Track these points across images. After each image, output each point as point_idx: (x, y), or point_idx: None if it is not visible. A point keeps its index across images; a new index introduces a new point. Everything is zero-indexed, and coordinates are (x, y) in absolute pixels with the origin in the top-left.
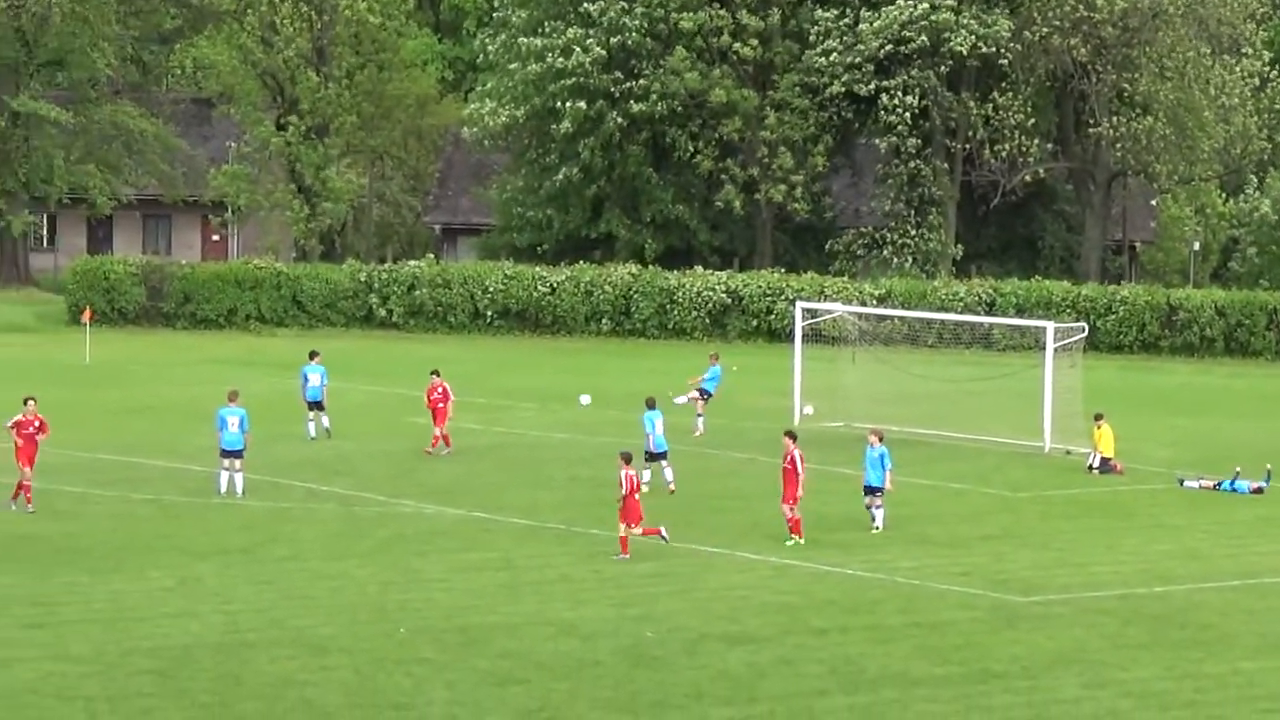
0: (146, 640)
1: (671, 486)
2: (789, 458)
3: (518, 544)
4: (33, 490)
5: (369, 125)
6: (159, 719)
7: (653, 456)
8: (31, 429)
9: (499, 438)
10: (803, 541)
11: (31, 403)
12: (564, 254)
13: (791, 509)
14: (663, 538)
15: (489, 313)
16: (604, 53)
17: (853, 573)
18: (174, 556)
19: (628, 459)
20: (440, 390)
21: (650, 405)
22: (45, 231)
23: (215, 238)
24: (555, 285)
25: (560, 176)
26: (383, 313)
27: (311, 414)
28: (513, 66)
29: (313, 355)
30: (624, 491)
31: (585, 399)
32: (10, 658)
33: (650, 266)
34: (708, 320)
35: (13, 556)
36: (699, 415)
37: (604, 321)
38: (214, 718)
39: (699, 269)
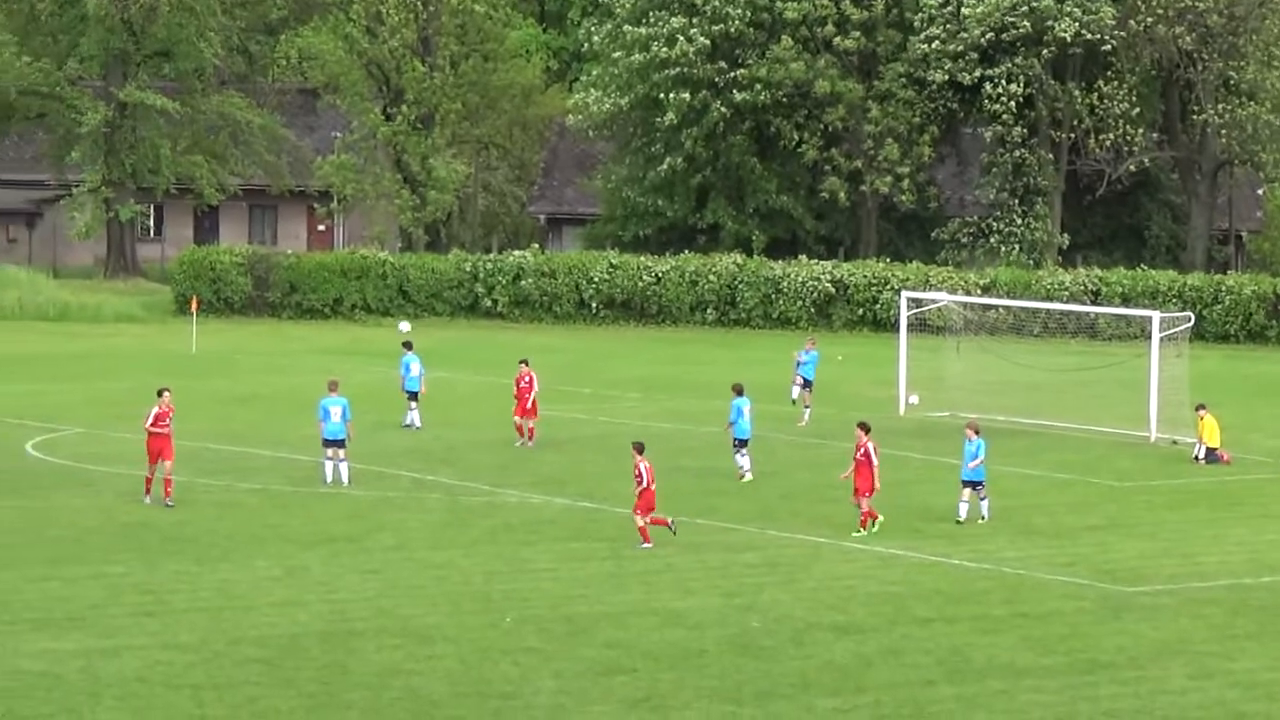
0: (253, 629)
1: (748, 475)
2: (862, 449)
3: (624, 533)
4: (131, 479)
5: (474, 115)
6: (265, 707)
7: (737, 444)
8: (169, 420)
9: (604, 427)
10: (874, 530)
11: (167, 394)
12: (669, 244)
13: (864, 501)
14: (670, 528)
15: (594, 302)
16: (707, 42)
17: (958, 563)
18: (280, 546)
19: (640, 449)
20: (527, 379)
21: (739, 392)
22: (152, 222)
23: (321, 228)
24: (660, 275)
25: (665, 166)
26: (488, 302)
27: (409, 404)
28: (617, 56)
29: (408, 344)
30: (644, 483)
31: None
32: (119, 646)
33: (755, 256)
34: (812, 310)
35: (123, 545)
36: (806, 407)
37: (709, 311)
38: (320, 707)
39: (803, 258)
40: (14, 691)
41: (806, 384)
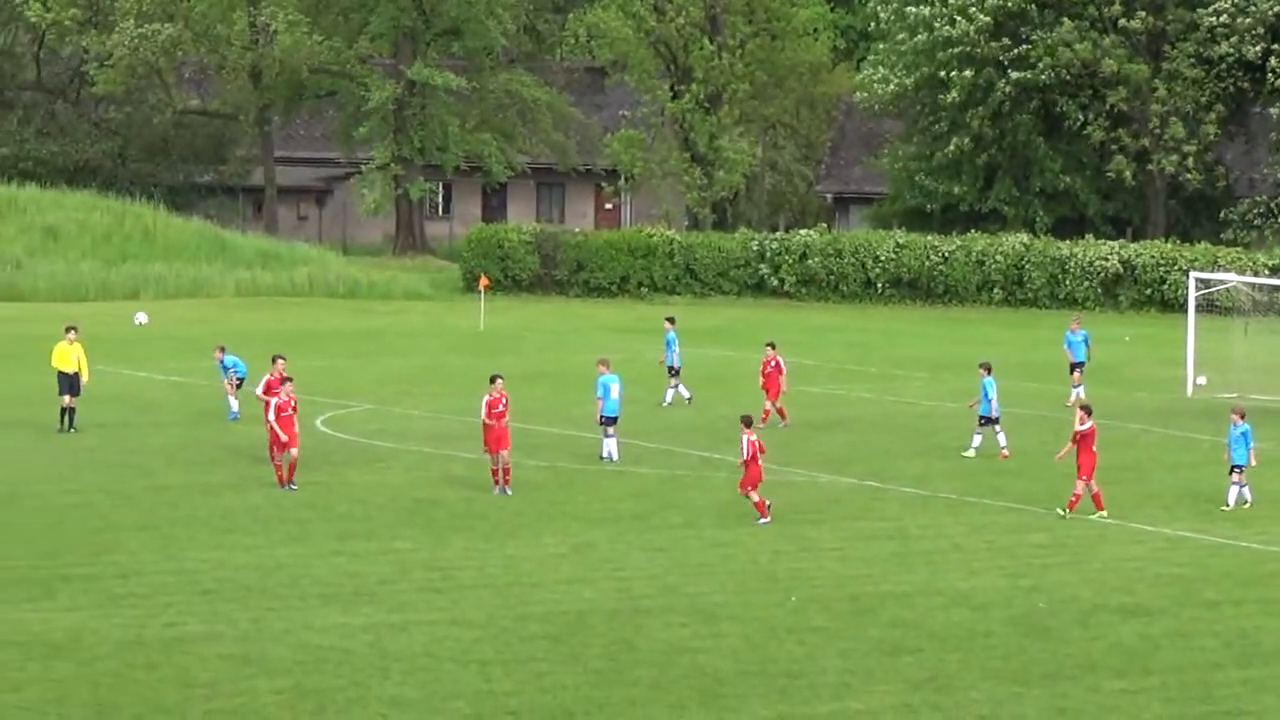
0: (540, 605)
1: (971, 452)
2: (1087, 432)
3: (909, 513)
4: (419, 455)
5: (762, 94)
6: (552, 683)
7: (986, 421)
8: (501, 408)
9: (890, 407)
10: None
11: (499, 381)
12: (955, 223)
13: (1081, 484)
14: (765, 515)
15: (880, 282)
16: (990, 20)
17: (1247, 545)
18: (567, 523)
19: (748, 423)
20: (774, 363)
21: (988, 370)
22: (441, 199)
23: (608, 206)
24: (947, 254)
25: (951, 146)
26: (774, 281)
27: (670, 380)
28: (902, 35)
29: (669, 320)
30: (745, 456)
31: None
32: (408, 621)
33: (1042, 236)
34: (1099, 290)
35: (411, 522)
36: (1075, 386)
37: (995, 291)
38: (606, 683)
39: (1090, 238)
40: (304, 665)
41: (1077, 365)
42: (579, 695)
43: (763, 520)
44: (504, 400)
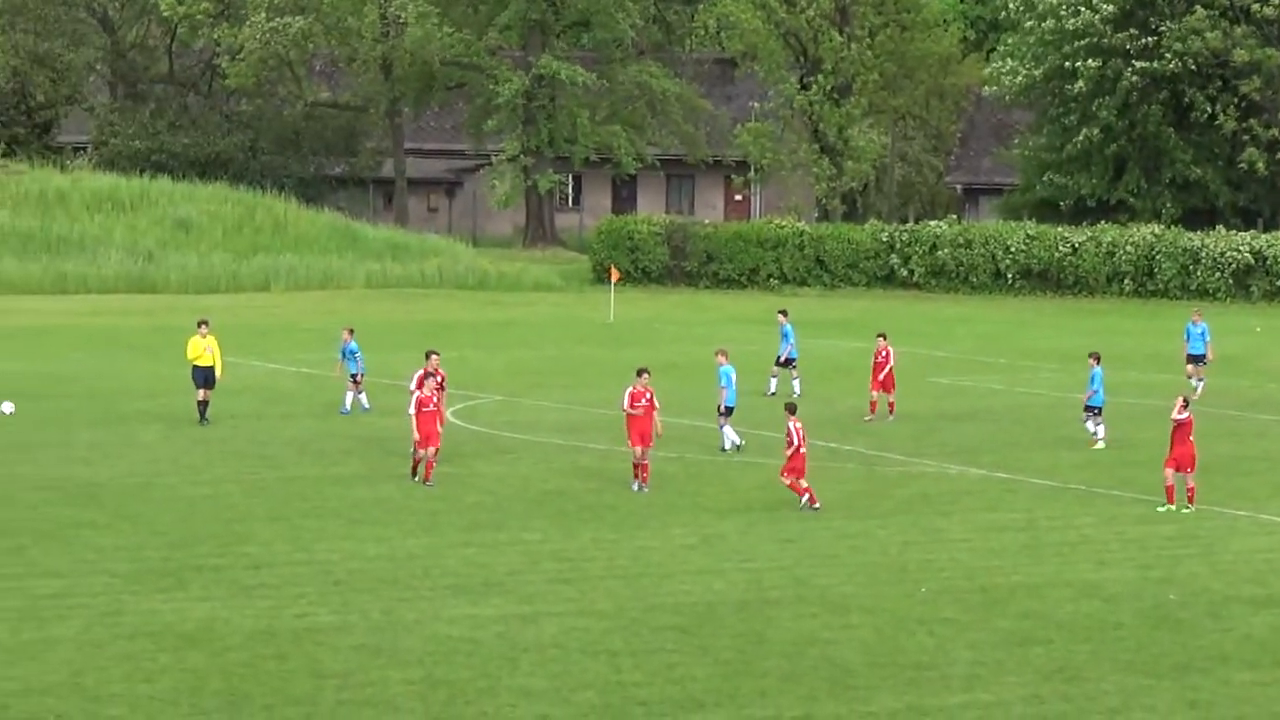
0: (669, 597)
1: (1100, 443)
2: (1184, 422)
3: (1039, 504)
4: (549, 447)
5: (891, 85)
6: (681, 674)
7: (1097, 410)
8: (644, 401)
9: (1020, 398)
10: (1185, 510)
11: (645, 375)
12: (1084, 214)
13: (1170, 473)
14: (810, 503)
15: (1010, 273)
16: (1116, 10)
17: None
18: (696, 514)
19: (792, 410)
20: (884, 354)
21: (1097, 360)
22: (570, 191)
23: (738, 197)
24: (1077, 245)
25: (1080, 137)
26: (904, 273)
27: (791, 372)
28: (1029, 24)
29: (782, 313)
30: (793, 444)
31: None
32: (537, 612)
33: (1172, 227)
34: (1230, 282)
35: (540, 513)
36: (1199, 380)
37: (1125, 282)
38: (735, 674)
39: (1220, 229)
40: (434, 656)
41: (1197, 358)
42: (708, 686)
43: (814, 506)
44: (648, 394)
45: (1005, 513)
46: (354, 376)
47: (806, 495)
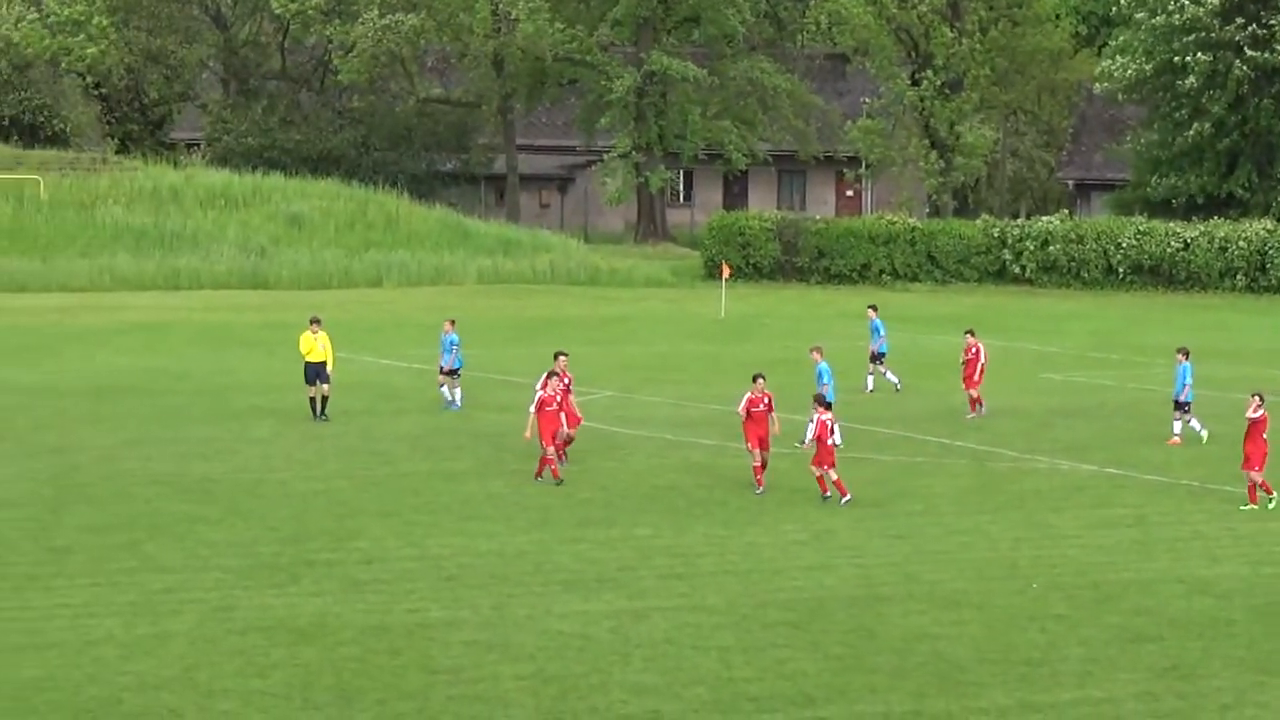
0: (780, 592)
1: (1204, 434)
2: (1259, 419)
3: (1150, 500)
4: (660, 442)
5: (1003, 80)
6: (792, 670)
7: (1179, 406)
8: (762, 407)
9: (1132, 394)
10: (1270, 506)
11: (761, 380)
12: (1197, 209)
13: (1254, 474)
14: (839, 490)
15: (1121, 268)
16: (1222, 2)
17: None
18: (808, 510)
19: (819, 401)
20: (974, 350)
21: (1185, 355)
22: (681, 187)
23: (849, 193)
24: (1189, 241)
25: (1191, 132)
26: (1015, 268)
27: (880, 367)
28: (1139, 18)
29: (872, 308)
30: (812, 435)
31: None
32: (648, 608)
33: None
34: None
35: (651, 509)
36: None
37: (1238, 278)
38: (846, 669)
39: None
40: (546, 651)
41: None
42: (819, 682)
43: (844, 498)
44: (766, 399)
45: (1116, 509)
46: (453, 371)
47: (831, 490)
